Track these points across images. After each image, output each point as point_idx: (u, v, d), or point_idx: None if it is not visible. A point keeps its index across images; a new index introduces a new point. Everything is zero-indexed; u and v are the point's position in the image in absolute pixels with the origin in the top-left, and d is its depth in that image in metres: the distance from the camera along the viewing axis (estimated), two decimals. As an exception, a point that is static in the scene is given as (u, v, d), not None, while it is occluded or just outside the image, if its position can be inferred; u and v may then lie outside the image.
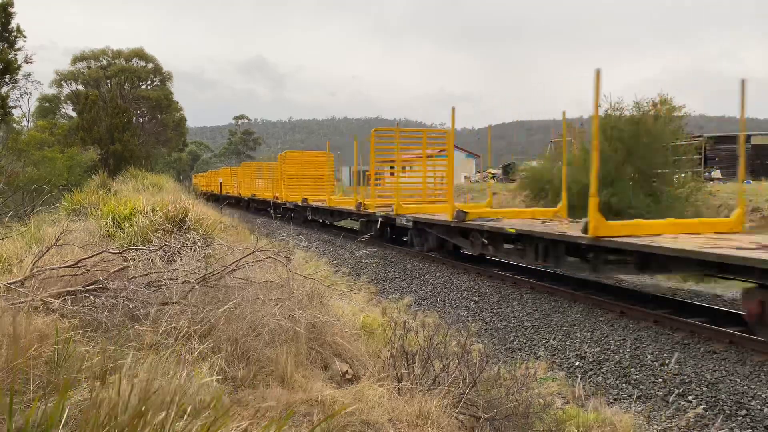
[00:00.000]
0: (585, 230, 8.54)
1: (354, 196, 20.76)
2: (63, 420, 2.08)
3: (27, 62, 19.77)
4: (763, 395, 5.89)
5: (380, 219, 15.97)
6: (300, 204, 23.87)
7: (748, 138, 33.81)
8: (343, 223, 22.03)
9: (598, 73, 8.51)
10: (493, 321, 9.56)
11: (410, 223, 14.51)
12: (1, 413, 2.37)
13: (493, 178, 41.53)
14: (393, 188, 16.70)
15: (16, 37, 18.04)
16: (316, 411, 3.27)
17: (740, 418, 5.64)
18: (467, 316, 9.89)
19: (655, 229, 9.05)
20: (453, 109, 13.25)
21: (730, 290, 10.41)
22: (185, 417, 2.30)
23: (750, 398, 5.91)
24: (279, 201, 27.29)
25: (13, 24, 18.03)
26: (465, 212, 12.15)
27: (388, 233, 16.79)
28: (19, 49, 18.66)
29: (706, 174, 29.25)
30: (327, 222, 22.68)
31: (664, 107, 16.79)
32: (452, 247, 13.85)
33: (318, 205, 22.06)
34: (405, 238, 15.86)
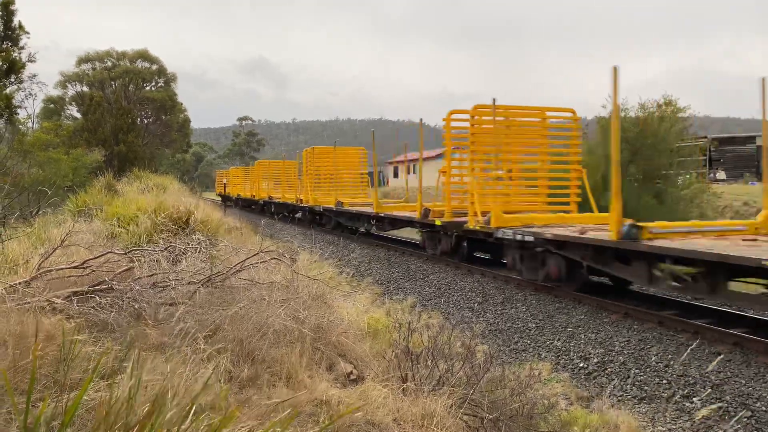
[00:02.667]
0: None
1: (406, 198, 18.79)
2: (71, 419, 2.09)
3: (31, 61, 19.82)
4: (769, 397, 5.87)
5: (457, 232, 12.83)
6: (334, 208, 20.49)
7: (753, 139, 33.68)
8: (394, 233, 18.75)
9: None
10: (497, 322, 9.55)
11: (529, 238, 10.08)
12: (9, 412, 2.39)
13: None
14: (475, 190, 12.03)
15: (19, 34, 18.08)
16: (321, 411, 3.28)
17: (745, 419, 5.63)
18: (471, 317, 9.89)
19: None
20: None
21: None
22: (191, 417, 2.31)
23: (755, 399, 5.89)
24: (304, 204, 24.16)
25: (15, 22, 18.08)
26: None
27: (465, 249, 13.40)
28: (22, 48, 18.72)
29: (710, 175, 29.19)
30: (371, 231, 18.89)
31: (669, 108, 16.78)
32: (610, 279, 10.27)
33: (361, 211, 18.56)
34: (504, 260, 11.96)
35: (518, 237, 10.34)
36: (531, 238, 10.05)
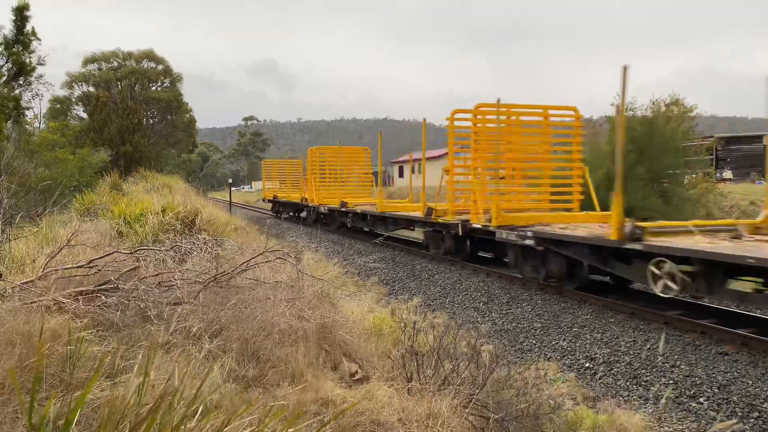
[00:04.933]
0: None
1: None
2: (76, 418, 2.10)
3: (40, 64, 19.89)
4: (776, 397, 5.84)
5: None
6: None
7: (760, 138, 33.52)
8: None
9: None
10: (503, 322, 9.53)
11: (530, 241, 10.18)
12: (16, 411, 2.40)
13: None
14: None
15: (30, 40, 18.17)
16: (326, 410, 3.28)
17: (752, 420, 5.60)
18: (477, 317, 9.87)
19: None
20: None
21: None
22: (197, 416, 2.31)
23: (762, 400, 5.86)
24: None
25: (28, 27, 18.17)
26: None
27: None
28: (33, 52, 18.80)
29: (717, 174, 29.04)
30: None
31: (677, 108, 16.72)
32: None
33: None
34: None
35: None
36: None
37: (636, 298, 9.66)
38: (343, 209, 20.06)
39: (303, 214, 26.82)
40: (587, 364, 7.49)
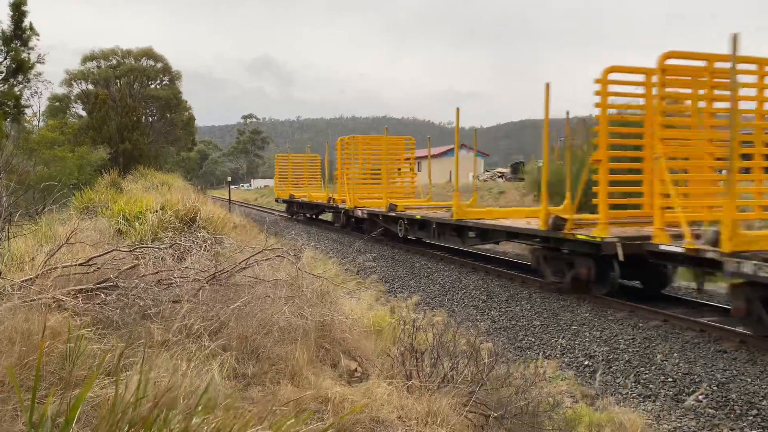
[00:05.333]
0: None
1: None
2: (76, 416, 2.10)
3: (39, 62, 19.87)
4: (775, 395, 5.85)
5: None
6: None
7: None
8: None
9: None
10: (502, 320, 9.54)
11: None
12: (15, 409, 2.40)
13: (501, 176, 41.44)
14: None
15: (29, 35, 18.15)
16: (326, 408, 3.28)
17: (751, 417, 5.61)
18: (476, 315, 9.88)
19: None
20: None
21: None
22: (197, 415, 2.31)
23: (761, 398, 5.87)
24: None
25: (26, 22, 18.15)
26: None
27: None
28: (32, 48, 18.78)
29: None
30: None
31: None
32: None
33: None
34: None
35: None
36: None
37: (634, 296, 9.67)
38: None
39: (327, 216, 24.65)
40: (586, 362, 7.50)
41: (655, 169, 8.55)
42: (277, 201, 33.45)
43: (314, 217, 26.81)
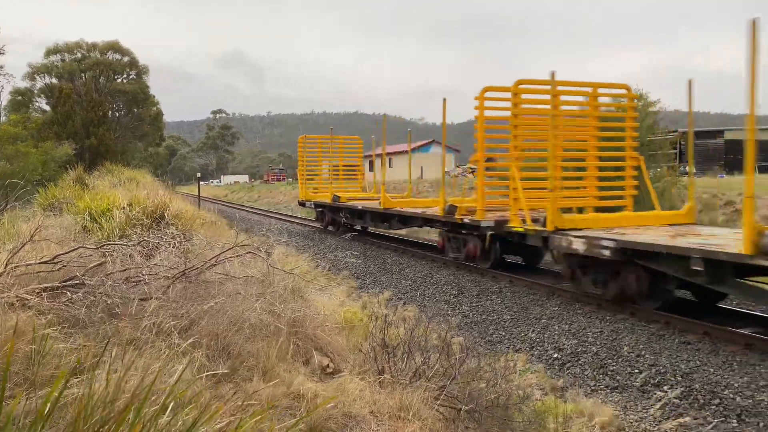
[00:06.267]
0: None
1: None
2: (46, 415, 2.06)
3: (0, 53, 19.33)
4: (736, 384, 6.02)
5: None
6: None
7: (721, 132, 34.37)
8: None
9: (444, 101, 12.12)
10: (473, 314, 9.63)
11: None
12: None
13: (472, 172, 41.66)
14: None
15: None
16: (298, 404, 3.27)
17: (713, 406, 5.77)
18: (447, 310, 9.95)
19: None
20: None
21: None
22: (167, 413, 2.29)
23: (723, 387, 6.04)
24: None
25: None
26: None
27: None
28: None
29: (681, 168, 29.67)
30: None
31: (640, 103, 16.98)
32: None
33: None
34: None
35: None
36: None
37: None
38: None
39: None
40: (555, 355, 7.61)
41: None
42: (300, 204, 23.85)
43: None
